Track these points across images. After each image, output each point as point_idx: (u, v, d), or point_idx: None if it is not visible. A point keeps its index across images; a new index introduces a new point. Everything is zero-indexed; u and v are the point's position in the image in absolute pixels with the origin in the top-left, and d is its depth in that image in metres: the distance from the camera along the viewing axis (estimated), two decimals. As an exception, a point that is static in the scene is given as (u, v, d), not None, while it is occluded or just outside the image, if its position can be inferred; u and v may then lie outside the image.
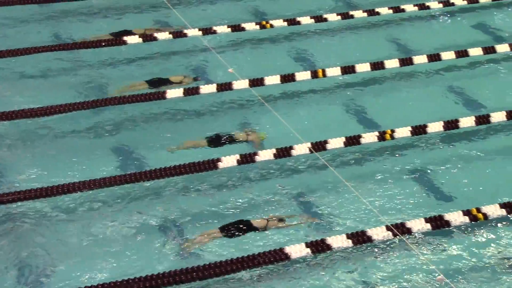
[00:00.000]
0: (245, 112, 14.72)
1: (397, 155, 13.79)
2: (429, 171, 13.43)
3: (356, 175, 13.26)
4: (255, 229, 12.03)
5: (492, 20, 18.12)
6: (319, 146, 13.40)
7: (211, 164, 12.95)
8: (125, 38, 16.03)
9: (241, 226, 12.04)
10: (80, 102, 14.22)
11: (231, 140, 13.88)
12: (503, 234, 12.17)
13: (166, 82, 15.14)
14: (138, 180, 12.63)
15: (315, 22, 17.30)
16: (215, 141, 13.86)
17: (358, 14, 17.66)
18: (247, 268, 11.24)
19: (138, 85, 14.93)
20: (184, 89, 14.67)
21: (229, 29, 16.73)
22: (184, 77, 15.50)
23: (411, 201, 12.74)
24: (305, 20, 17.24)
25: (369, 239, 11.73)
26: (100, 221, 12.17)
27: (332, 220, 12.34)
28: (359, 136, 13.70)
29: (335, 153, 13.59)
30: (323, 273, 11.42)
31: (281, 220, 12.15)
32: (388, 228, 11.83)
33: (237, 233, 11.96)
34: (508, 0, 18.77)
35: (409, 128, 13.98)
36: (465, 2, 18.41)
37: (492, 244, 12.03)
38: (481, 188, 13.09)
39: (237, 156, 13.08)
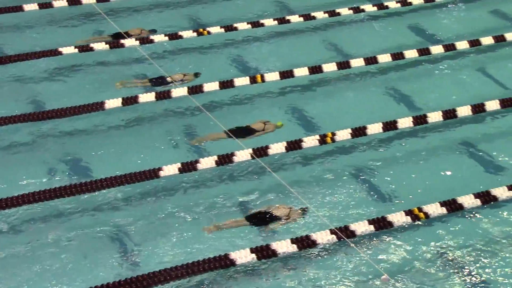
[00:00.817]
0: (187, 120, 14.63)
1: (338, 158, 13.88)
2: (370, 173, 13.55)
3: (299, 179, 13.29)
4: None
5: (426, 22, 18.40)
6: (260, 152, 13.40)
7: (152, 173, 12.86)
8: (61, 49, 15.81)
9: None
10: (17, 115, 14.06)
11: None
12: (444, 233, 12.34)
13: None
14: (79, 192, 12.49)
15: (252, 27, 17.35)
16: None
17: (295, 19, 17.77)
18: (192, 274, 11.17)
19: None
20: (123, 99, 14.53)
21: (167, 38, 16.64)
22: (184, 75, 15.65)
23: (354, 204, 12.83)
24: (242, 26, 17.29)
25: (313, 243, 11.76)
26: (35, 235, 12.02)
27: (275, 225, 12.33)
28: (300, 141, 13.75)
29: (277, 158, 13.61)
30: (268, 279, 11.42)
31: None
32: (332, 232, 11.89)
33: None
34: (441, 2, 19.09)
35: (349, 131, 14.09)
36: (399, 5, 18.67)
37: (434, 243, 12.18)
38: (421, 187, 13.25)
39: (179, 165, 13.00)
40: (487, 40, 17.26)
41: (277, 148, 13.54)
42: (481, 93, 15.71)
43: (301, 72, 15.76)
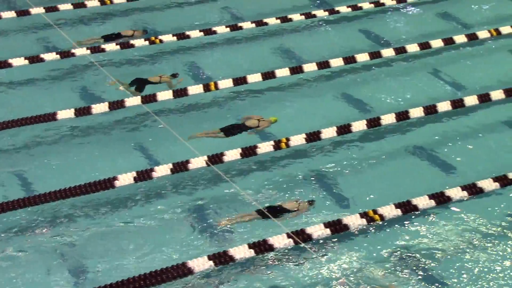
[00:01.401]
0: (140, 130, 14.55)
1: (293, 163, 13.91)
2: (325, 176, 13.60)
3: (254, 185, 13.29)
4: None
5: (376, 26, 18.58)
6: (215, 159, 13.38)
7: (108, 183, 12.76)
8: (10, 60, 15.62)
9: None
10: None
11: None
12: (399, 234, 12.44)
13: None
14: (32, 204, 12.32)
15: (204, 35, 17.34)
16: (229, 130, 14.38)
17: (247, 25, 17.80)
18: (150, 285, 11.07)
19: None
20: (76, 110, 14.40)
21: (118, 47, 16.54)
22: (161, 77, 15.78)
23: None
24: (194, 33, 17.27)
25: (271, 248, 11.75)
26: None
27: (233, 231, 12.32)
28: (255, 147, 13.75)
29: (232, 165, 13.60)
30: (227, 285, 11.38)
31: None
32: (289, 236, 11.90)
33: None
34: (391, 5, 19.28)
35: (304, 136, 14.14)
36: (350, 9, 18.82)
37: (390, 245, 12.26)
38: (376, 190, 13.33)
39: (134, 174, 12.92)
40: (437, 43, 17.47)
41: (232, 155, 13.52)
42: (433, 95, 15.89)
43: (254, 78, 15.79)
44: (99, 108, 14.58)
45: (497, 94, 15.66)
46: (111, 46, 16.46)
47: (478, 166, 13.94)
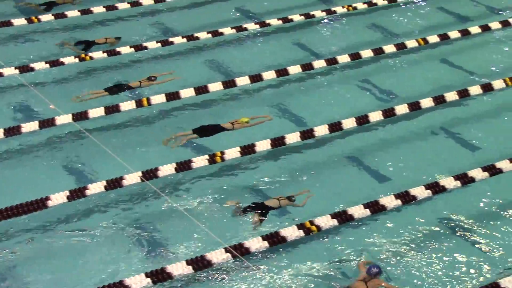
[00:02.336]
0: (72, 148, 14.32)
1: (228, 176, 13.88)
2: (261, 189, 13.60)
3: (189, 199, 13.21)
4: None
5: (308, 38, 18.72)
6: (150, 174, 13.25)
7: (40, 204, 12.52)
8: None
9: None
10: None
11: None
12: (336, 244, 12.50)
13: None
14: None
15: (136, 50, 17.24)
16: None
17: (178, 40, 17.78)
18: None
19: None
20: (5, 130, 14.11)
21: (47, 65, 16.28)
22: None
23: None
24: (125, 49, 17.17)
25: (209, 263, 11.69)
26: None
27: (170, 248, 12.20)
28: (190, 161, 13.67)
29: (167, 180, 13.50)
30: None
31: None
32: (227, 250, 11.84)
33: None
34: (321, 17, 19.46)
35: (238, 149, 14.13)
36: (281, 22, 18.93)
37: (327, 254, 12.31)
38: (311, 200, 13.34)
39: (67, 193, 12.71)
40: (367, 53, 17.70)
41: (167, 170, 13.42)
42: (364, 105, 16.08)
43: (187, 93, 15.73)
44: (29, 127, 14.31)
45: (426, 102, 15.89)
46: (40, 65, 16.21)
47: (410, 174, 14.11)
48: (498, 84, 16.73)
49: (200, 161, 13.74)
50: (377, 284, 11.66)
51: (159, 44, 17.51)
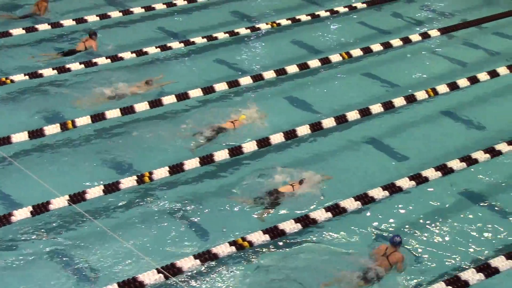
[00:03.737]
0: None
1: (156, 196, 13.74)
2: (187, 207, 13.49)
3: (119, 221, 13.03)
4: None
5: (232, 56, 18.82)
6: (78, 198, 13.02)
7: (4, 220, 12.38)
8: None
9: None
10: None
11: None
12: (268, 259, 12.46)
13: None
14: None
15: (58, 73, 17.01)
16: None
17: (102, 60, 17.65)
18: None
19: None
20: None
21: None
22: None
23: (178, 240, 12.71)
24: (47, 72, 16.90)
25: (141, 285, 11.48)
26: None
27: (101, 271, 11.97)
28: (118, 183, 13.48)
29: (95, 203, 13.27)
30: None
31: None
32: (159, 271, 11.68)
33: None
34: (245, 34, 19.53)
35: (167, 169, 14.01)
36: (205, 40, 18.98)
37: (259, 271, 12.26)
38: (238, 217, 13.31)
39: (-7, 219, 12.43)
40: (292, 69, 17.82)
41: (95, 192, 13.20)
42: (292, 119, 16.16)
43: (112, 114, 15.58)
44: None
45: (352, 115, 16.06)
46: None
47: (340, 187, 14.20)
48: (420, 95, 17.02)
49: (128, 182, 13.56)
50: (396, 260, 12.22)
51: (82, 66, 17.33)
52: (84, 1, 21.20)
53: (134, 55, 17.98)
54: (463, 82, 17.65)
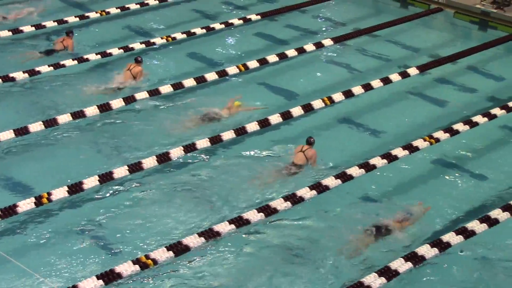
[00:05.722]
0: None
1: (58, 217, 13.42)
2: (92, 227, 13.21)
3: (18, 246, 12.64)
4: None
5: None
6: (-28, 224, 12.61)
7: None
8: None
9: None
10: None
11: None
12: (173, 277, 12.33)
13: None
14: None
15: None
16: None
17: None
18: None
19: None
20: None
21: None
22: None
23: (80, 261, 12.41)
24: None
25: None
26: None
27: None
28: (15, 206, 13.10)
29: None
30: None
31: None
32: (62, 294, 11.42)
33: None
34: (140, 49, 19.41)
35: (66, 188, 13.72)
36: (99, 57, 18.83)
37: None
38: (146, 234, 13.16)
39: None
40: (189, 82, 17.80)
41: (-11, 218, 12.83)
42: (187, 134, 16.07)
43: (5, 136, 15.19)
44: None
45: (252, 126, 16.16)
46: None
47: (244, 198, 14.21)
48: (317, 103, 17.25)
49: (26, 205, 13.18)
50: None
51: (27, 75, 17.48)
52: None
53: (26, 75, 17.64)
54: (357, 90, 18.00)
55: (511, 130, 17.32)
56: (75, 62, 18.40)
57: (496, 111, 17.31)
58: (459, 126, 16.59)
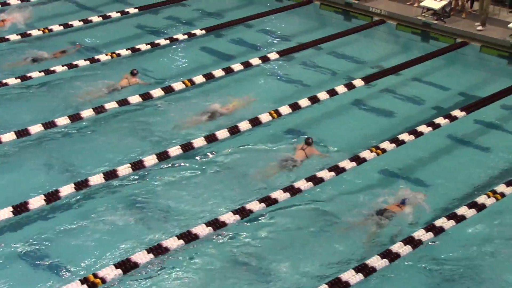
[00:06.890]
0: None
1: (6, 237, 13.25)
2: (34, 249, 13.02)
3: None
4: None
5: (68, 89, 18.41)
6: None
7: None
8: None
9: None
10: None
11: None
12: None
13: None
14: None
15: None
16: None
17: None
18: None
19: None
20: None
21: None
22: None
23: (31, 282, 12.25)
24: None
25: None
26: None
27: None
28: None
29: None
30: None
31: None
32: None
33: None
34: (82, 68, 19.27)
35: (11, 209, 13.55)
36: (43, 74, 18.75)
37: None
38: (92, 252, 13.00)
39: None
40: (134, 99, 17.76)
41: None
42: (139, 149, 16.05)
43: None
44: None
45: (199, 142, 16.12)
46: None
47: (192, 213, 14.19)
48: (264, 117, 17.29)
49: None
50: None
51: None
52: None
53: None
54: (304, 102, 18.09)
55: (454, 139, 17.55)
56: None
57: (440, 120, 17.51)
58: (405, 136, 16.76)
